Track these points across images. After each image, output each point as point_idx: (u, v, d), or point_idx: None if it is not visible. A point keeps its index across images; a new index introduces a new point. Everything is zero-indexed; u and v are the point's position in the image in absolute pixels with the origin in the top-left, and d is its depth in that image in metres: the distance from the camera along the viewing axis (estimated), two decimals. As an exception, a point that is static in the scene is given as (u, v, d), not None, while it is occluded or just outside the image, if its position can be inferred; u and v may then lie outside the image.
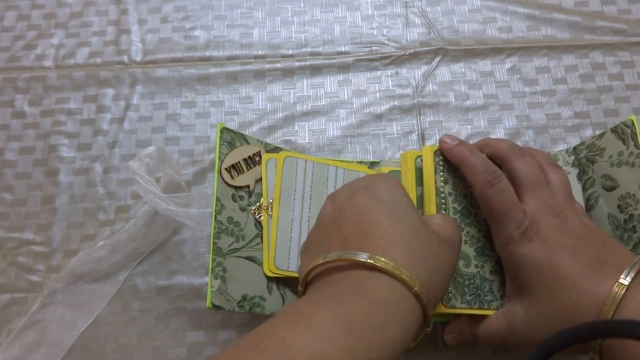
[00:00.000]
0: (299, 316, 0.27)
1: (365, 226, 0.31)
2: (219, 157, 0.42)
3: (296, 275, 0.40)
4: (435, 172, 0.40)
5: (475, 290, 0.37)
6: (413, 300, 0.29)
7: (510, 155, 0.37)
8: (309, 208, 0.42)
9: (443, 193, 0.39)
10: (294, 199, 0.42)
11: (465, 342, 0.38)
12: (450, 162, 0.40)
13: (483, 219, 0.39)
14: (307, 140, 0.51)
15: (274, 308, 0.41)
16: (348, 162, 0.47)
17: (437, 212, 0.39)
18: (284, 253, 0.41)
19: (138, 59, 0.54)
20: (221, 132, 0.43)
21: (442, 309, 0.37)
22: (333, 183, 0.43)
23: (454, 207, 0.39)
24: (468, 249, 0.38)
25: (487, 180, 0.36)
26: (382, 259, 0.29)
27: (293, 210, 0.42)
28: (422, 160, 0.42)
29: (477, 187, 0.36)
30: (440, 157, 0.40)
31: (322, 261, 0.30)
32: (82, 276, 0.45)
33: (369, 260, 0.29)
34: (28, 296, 0.45)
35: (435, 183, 0.39)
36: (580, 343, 0.25)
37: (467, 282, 0.37)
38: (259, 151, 0.44)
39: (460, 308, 0.37)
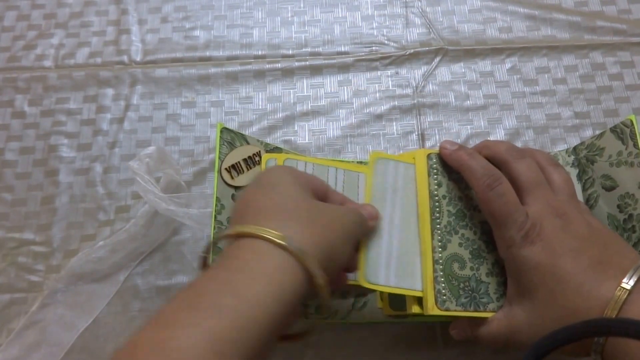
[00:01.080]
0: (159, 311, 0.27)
1: (244, 211, 0.32)
2: (219, 157, 0.42)
3: (387, 290, 0.38)
4: (429, 175, 0.39)
5: (470, 292, 0.37)
6: (282, 253, 0.29)
7: (509, 157, 0.37)
8: (401, 209, 0.39)
9: (437, 196, 0.39)
10: (385, 199, 0.39)
11: (469, 339, 0.38)
12: (444, 165, 0.40)
13: (478, 222, 0.39)
14: (307, 141, 0.51)
15: None
16: (347, 162, 0.47)
17: (430, 215, 0.38)
18: (374, 265, 0.38)
19: (138, 59, 0.54)
20: (221, 132, 0.43)
21: (436, 311, 0.36)
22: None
23: (448, 210, 0.39)
24: (463, 252, 0.38)
25: (487, 183, 0.35)
26: (242, 225, 0.30)
27: (384, 213, 0.39)
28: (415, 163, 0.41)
29: (478, 190, 0.36)
30: (434, 160, 0.40)
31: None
32: (82, 276, 0.45)
33: (226, 232, 0.30)
34: (28, 296, 0.45)
35: (429, 186, 0.39)
36: (576, 341, 0.25)
37: (462, 285, 0.37)
38: (259, 151, 0.44)
39: (455, 310, 0.36)
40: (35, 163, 0.50)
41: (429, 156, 0.40)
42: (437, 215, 0.38)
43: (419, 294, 0.37)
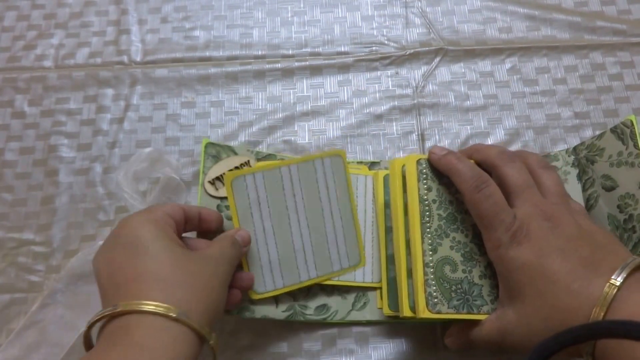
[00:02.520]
0: None
1: (115, 278, 0.32)
2: (203, 172, 0.43)
3: (278, 292, 0.42)
4: (419, 180, 0.40)
5: (463, 295, 0.37)
6: (177, 326, 0.30)
7: (499, 161, 0.38)
8: (270, 218, 0.42)
9: (427, 200, 0.39)
10: (252, 214, 0.41)
11: (464, 345, 0.38)
12: (434, 170, 0.40)
13: (470, 225, 0.39)
14: (307, 141, 0.51)
15: (263, 312, 0.41)
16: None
17: (420, 219, 0.39)
18: (258, 277, 0.41)
19: (138, 59, 0.54)
20: (206, 147, 0.44)
21: (427, 314, 0.37)
22: (289, 183, 0.42)
23: (438, 214, 0.39)
24: (455, 255, 0.38)
25: (474, 185, 0.36)
26: (127, 302, 0.30)
27: (254, 227, 0.41)
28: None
29: (465, 193, 0.37)
30: (423, 166, 0.40)
31: (84, 330, 0.32)
32: (82, 276, 0.45)
33: (117, 310, 0.30)
34: (28, 296, 0.45)
35: (419, 191, 0.39)
36: (579, 344, 0.25)
37: (454, 287, 0.37)
38: (248, 160, 0.45)
39: (447, 313, 0.37)
40: (35, 163, 0.50)
41: (418, 162, 0.40)
42: (427, 219, 0.39)
43: (306, 284, 0.42)
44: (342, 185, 0.44)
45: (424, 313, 0.37)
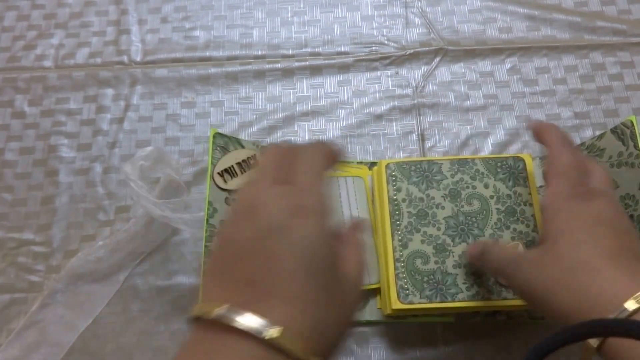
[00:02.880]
0: None
1: (273, 277, 0.27)
2: (212, 162, 0.43)
3: None
4: (388, 183, 0.43)
5: (435, 285, 0.39)
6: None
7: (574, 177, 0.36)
8: None
9: (396, 200, 0.42)
10: None
11: (481, 254, 0.36)
12: (402, 171, 0.43)
13: (442, 218, 0.41)
14: (307, 141, 0.51)
15: None
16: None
17: (390, 219, 0.41)
18: None
19: (138, 59, 0.54)
20: (214, 137, 0.44)
21: (399, 305, 0.38)
22: None
23: (408, 212, 0.42)
24: (426, 248, 0.40)
25: (564, 142, 0.36)
26: (278, 335, 0.25)
27: None
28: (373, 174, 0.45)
29: (553, 145, 0.36)
30: (392, 169, 0.43)
31: (213, 317, 0.26)
32: (82, 276, 0.45)
33: (261, 337, 0.25)
34: (28, 296, 0.45)
35: (388, 192, 0.42)
36: (577, 342, 0.24)
37: (425, 279, 0.39)
38: (254, 154, 0.45)
39: (420, 303, 0.39)
40: (35, 163, 0.50)
41: (387, 166, 0.43)
42: (397, 217, 0.41)
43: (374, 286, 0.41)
44: (363, 205, 0.45)
45: (396, 305, 0.38)
